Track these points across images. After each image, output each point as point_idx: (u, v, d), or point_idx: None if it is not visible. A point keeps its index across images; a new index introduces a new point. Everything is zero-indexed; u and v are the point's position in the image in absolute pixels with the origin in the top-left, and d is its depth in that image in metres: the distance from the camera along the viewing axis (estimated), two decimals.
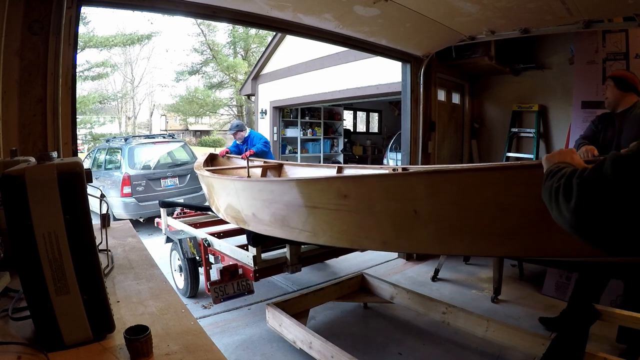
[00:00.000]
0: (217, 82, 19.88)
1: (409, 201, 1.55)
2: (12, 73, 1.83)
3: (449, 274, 3.77)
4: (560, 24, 2.89)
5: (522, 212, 1.28)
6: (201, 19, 3.90)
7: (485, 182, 1.36)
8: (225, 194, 2.82)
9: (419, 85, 4.04)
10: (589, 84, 3.17)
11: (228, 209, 2.86)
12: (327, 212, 1.87)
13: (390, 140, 8.01)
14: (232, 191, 2.65)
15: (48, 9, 1.90)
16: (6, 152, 1.73)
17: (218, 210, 3.12)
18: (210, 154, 4.61)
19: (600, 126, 2.56)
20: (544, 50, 4.30)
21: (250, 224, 2.54)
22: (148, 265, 1.38)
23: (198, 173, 3.43)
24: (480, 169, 1.48)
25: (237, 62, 18.66)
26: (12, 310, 0.98)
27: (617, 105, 2.48)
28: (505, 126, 4.68)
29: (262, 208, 2.37)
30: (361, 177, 1.96)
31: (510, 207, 1.30)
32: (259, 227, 2.45)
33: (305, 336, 2.25)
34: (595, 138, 2.54)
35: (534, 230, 1.27)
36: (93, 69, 17.05)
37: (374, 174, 1.88)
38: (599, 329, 2.32)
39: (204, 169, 3.44)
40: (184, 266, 3.36)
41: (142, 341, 0.80)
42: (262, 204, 2.35)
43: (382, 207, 1.65)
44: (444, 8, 2.75)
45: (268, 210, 2.31)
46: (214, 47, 19.04)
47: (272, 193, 2.24)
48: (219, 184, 2.89)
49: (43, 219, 0.80)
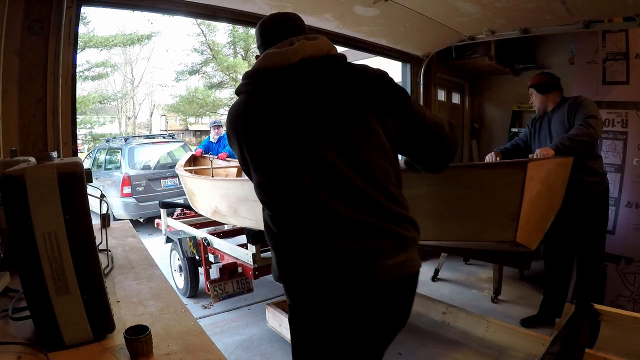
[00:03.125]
0: (217, 82, 19.85)
1: None
2: (12, 73, 1.83)
3: (449, 274, 3.77)
4: (560, 24, 2.89)
5: None
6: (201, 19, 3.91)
7: None
8: (197, 191, 3.35)
9: (419, 85, 4.04)
10: (589, 84, 3.17)
11: (199, 202, 3.36)
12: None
13: None
14: (201, 188, 3.24)
15: (48, 9, 1.90)
16: (6, 152, 1.73)
17: (191, 202, 3.56)
18: (192, 155, 4.86)
19: (532, 129, 2.67)
20: (544, 50, 4.29)
21: (214, 215, 3.15)
22: (148, 265, 1.38)
23: (177, 172, 3.95)
24: None
25: (237, 62, 18.65)
26: (12, 310, 0.98)
27: (546, 108, 2.59)
28: (505, 126, 4.68)
29: (221, 202, 2.93)
30: None
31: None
32: (219, 217, 3.10)
33: None
34: (527, 142, 2.69)
35: None
36: (93, 69, 17.04)
37: None
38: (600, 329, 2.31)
39: (182, 169, 3.82)
40: (184, 266, 3.37)
41: (142, 341, 0.80)
42: (221, 198, 2.90)
43: None
44: (444, 8, 2.75)
45: (225, 203, 2.87)
46: (214, 47, 19.02)
47: (227, 189, 2.82)
48: (191, 182, 3.43)
49: (43, 219, 0.80)
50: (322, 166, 1.00)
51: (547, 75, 2.65)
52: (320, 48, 1.07)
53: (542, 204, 1.55)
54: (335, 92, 1.03)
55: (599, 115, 2.33)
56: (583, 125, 2.26)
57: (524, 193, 1.23)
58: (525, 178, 1.21)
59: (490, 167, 1.50)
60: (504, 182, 1.27)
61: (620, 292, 2.91)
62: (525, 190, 1.24)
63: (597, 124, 2.27)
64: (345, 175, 0.99)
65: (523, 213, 1.27)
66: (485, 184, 1.34)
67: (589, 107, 2.35)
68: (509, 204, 1.26)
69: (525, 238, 1.35)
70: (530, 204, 1.32)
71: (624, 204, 2.97)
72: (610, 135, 3.05)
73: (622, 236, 2.94)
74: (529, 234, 1.39)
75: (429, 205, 1.47)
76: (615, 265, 2.94)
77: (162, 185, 6.37)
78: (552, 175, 1.69)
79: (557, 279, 2.65)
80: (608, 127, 3.06)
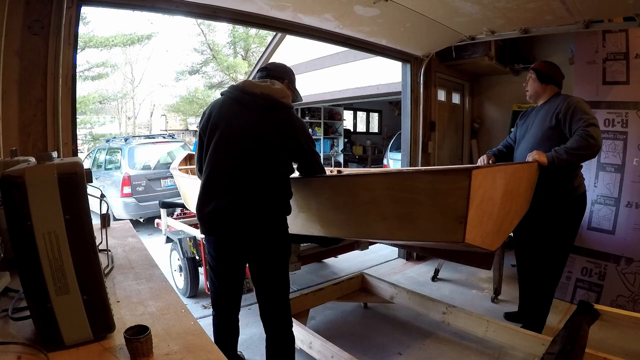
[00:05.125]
0: (217, 82, 19.83)
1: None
2: (12, 73, 1.83)
3: (449, 274, 3.77)
4: (560, 24, 2.89)
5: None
6: (201, 19, 3.91)
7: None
8: (188, 190, 3.38)
9: (419, 85, 4.04)
10: (589, 84, 3.17)
11: (191, 201, 3.35)
12: None
13: (390, 140, 8.01)
14: (192, 187, 3.22)
15: (48, 9, 1.90)
16: (6, 152, 1.73)
17: (185, 201, 3.57)
18: (188, 154, 4.92)
19: (518, 126, 2.57)
20: (544, 50, 4.29)
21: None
22: (148, 265, 1.38)
23: (171, 172, 4.06)
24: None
25: (237, 62, 18.65)
26: (12, 310, 0.98)
27: (538, 98, 2.42)
28: (505, 126, 4.68)
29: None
30: None
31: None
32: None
33: (305, 336, 2.25)
34: (514, 141, 2.58)
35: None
36: (93, 69, 17.00)
37: None
38: (599, 329, 2.32)
39: (176, 169, 3.90)
40: (184, 266, 3.37)
41: (142, 341, 0.80)
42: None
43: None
44: (444, 8, 2.75)
45: None
46: (214, 47, 19.02)
47: None
48: (182, 181, 3.49)
49: (43, 219, 0.80)
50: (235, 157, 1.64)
51: (554, 66, 2.42)
52: (276, 92, 1.65)
53: (500, 208, 1.66)
54: (262, 121, 1.63)
55: (597, 121, 2.11)
56: (583, 136, 2.03)
57: (470, 198, 1.34)
58: (471, 184, 1.33)
59: (441, 173, 1.63)
60: (452, 187, 1.38)
61: (620, 292, 2.91)
62: (473, 195, 1.36)
63: (598, 133, 2.04)
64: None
65: (472, 216, 1.38)
66: (437, 188, 1.45)
67: (588, 112, 2.12)
68: (457, 208, 1.38)
69: (477, 239, 1.47)
70: (481, 208, 1.45)
71: (624, 204, 2.97)
72: (610, 135, 3.05)
73: (622, 236, 2.94)
74: (482, 235, 1.52)
75: (388, 208, 1.61)
76: (615, 265, 2.94)
77: (162, 185, 6.37)
78: (514, 181, 1.80)
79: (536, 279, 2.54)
80: (608, 127, 3.06)
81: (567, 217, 2.34)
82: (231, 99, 1.68)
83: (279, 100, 1.64)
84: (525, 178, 1.98)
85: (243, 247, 1.71)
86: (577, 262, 3.13)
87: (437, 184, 1.45)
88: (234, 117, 1.63)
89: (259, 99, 1.62)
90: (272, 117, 1.63)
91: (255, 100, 1.62)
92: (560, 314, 2.88)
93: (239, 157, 1.61)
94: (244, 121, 1.61)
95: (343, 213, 1.82)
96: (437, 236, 1.50)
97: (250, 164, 1.61)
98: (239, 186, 1.61)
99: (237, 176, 1.62)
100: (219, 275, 1.80)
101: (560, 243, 2.39)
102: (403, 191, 1.54)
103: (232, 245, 1.70)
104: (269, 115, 1.63)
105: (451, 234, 1.42)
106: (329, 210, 1.87)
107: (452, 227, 1.40)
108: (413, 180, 1.54)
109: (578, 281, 3.12)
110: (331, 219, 1.89)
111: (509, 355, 2.34)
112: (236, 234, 1.66)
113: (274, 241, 1.72)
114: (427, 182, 1.50)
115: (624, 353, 2.16)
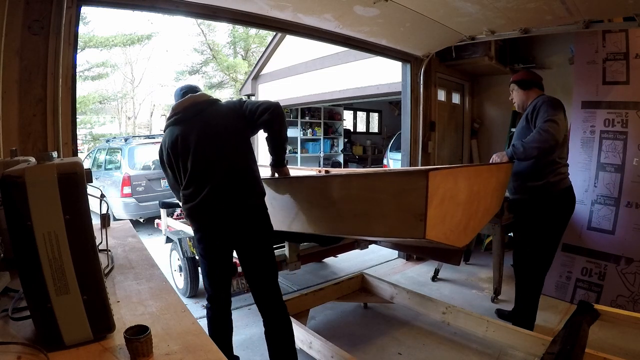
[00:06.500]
0: (217, 82, 19.83)
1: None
2: (12, 73, 1.83)
3: (449, 274, 3.78)
4: (560, 24, 2.89)
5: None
6: (201, 19, 3.91)
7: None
8: None
9: (419, 85, 4.04)
10: (589, 84, 3.17)
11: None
12: None
13: (390, 140, 8.01)
14: None
15: (48, 9, 1.90)
16: (6, 152, 1.73)
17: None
18: None
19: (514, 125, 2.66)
20: (544, 50, 4.30)
21: None
22: (148, 265, 1.38)
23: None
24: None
25: (237, 62, 18.64)
26: (12, 310, 0.98)
27: (525, 105, 2.53)
28: (505, 126, 4.68)
29: None
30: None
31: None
32: None
33: (305, 336, 2.25)
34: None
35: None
36: (93, 69, 16.99)
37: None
38: (599, 329, 2.32)
39: None
40: (184, 266, 3.37)
41: (142, 341, 0.80)
42: None
43: None
44: (444, 8, 2.75)
45: None
46: (214, 47, 19.02)
47: None
48: None
49: (43, 219, 0.80)
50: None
51: (530, 72, 2.61)
52: (201, 96, 1.91)
53: (466, 207, 1.76)
54: (210, 118, 1.86)
55: (558, 118, 2.19)
56: (539, 130, 2.18)
57: (429, 197, 1.45)
58: (428, 185, 1.44)
59: (403, 174, 1.78)
60: (412, 187, 1.50)
61: (620, 292, 2.91)
62: (432, 195, 1.46)
63: (555, 128, 2.15)
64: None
65: (432, 214, 1.49)
66: (400, 189, 1.56)
67: (548, 110, 2.22)
68: (417, 207, 1.49)
69: (440, 236, 1.59)
70: (442, 207, 1.56)
71: (624, 204, 2.97)
72: (610, 135, 3.05)
73: (622, 236, 2.94)
74: (446, 232, 1.63)
75: (360, 206, 1.73)
76: (615, 265, 2.94)
77: (162, 185, 6.36)
78: (481, 181, 1.91)
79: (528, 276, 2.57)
80: (608, 127, 3.06)
81: (549, 213, 2.38)
82: (176, 123, 1.87)
83: (208, 98, 1.91)
84: (494, 178, 2.06)
85: (228, 227, 1.84)
86: (577, 262, 3.14)
87: (400, 185, 1.57)
88: (191, 131, 1.82)
89: (194, 107, 1.86)
90: (213, 111, 1.88)
91: (195, 108, 1.86)
92: (560, 314, 2.89)
93: (213, 154, 1.81)
94: (199, 128, 1.82)
95: (322, 210, 1.95)
96: (403, 232, 1.61)
97: (222, 154, 1.81)
98: (216, 175, 1.79)
99: (214, 168, 1.80)
100: (210, 260, 1.94)
101: (543, 239, 2.43)
102: (372, 191, 1.68)
103: (217, 228, 1.85)
104: (210, 111, 1.87)
105: (413, 230, 1.53)
106: (312, 208, 2.00)
107: (414, 224, 1.51)
108: (380, 181, 1.69)
109: (578, 281, 3.13)
110: (312, 215, 2.01)
111: (509, 355, 2.34)
112: (220, 216, 1.81)
113: (255, 217, 1.87)
114: (391, 183, 1.64)
115: (624, 353, 2.16)
